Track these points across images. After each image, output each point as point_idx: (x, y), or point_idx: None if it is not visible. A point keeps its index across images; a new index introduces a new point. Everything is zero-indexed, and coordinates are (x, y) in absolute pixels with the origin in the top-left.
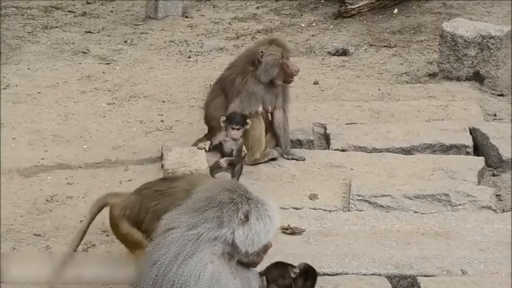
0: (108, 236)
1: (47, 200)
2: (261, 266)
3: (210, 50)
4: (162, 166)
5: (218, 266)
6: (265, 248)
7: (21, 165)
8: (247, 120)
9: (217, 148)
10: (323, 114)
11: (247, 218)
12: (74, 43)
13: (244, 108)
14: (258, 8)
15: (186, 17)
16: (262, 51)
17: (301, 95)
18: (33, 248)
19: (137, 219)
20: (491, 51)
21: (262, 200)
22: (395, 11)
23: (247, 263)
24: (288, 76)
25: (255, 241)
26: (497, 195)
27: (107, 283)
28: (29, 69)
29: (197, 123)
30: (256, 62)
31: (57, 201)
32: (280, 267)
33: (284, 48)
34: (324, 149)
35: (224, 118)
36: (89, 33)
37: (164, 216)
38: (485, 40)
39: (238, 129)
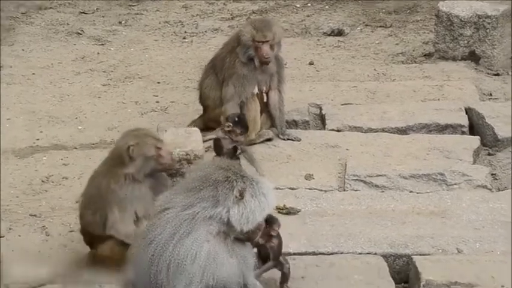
0: None
1: (42, 181)
2: None
3: (205, 31)
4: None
5: (214, 245)
6: (260, 227)
7: (16, 146)
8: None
9: (215, 144)
10: (318, 95)
11: (242, 195)
12: (68, 24)
13: (240, 93)
14: None
15: None
16: (241, 30)
17: (296, 75)
18: (29, 229)
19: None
20: (487, 30)
21: (257, 178)
22: None
23: (243, 239)
24: (260, 58)
25: (250, 219)
26: (492, 174)
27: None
28: (23, 50)
29: (192, 104)
30: (239, 41)
31: (52, 182)
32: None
33: (257, 31)
34: (319, 129)
35: (230, 124)
36: (83, 14)
37: (158, 197)
38: (481, 20)
39: (245, 133)
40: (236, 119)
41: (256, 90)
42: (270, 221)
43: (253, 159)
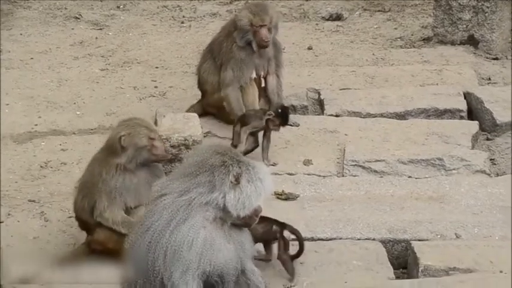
0: None
1: (41, 166)
2: None
3: (203, 15)
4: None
5: (211, 231)
6: (256, 212)
7: (14, 132)
8: None
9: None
10: (317, 80)
11: (238, 181)
12: (66, 8)
13: (239, 78)
14: None
15: None
16: (237, 15)
17: (295, 60)
18: (28, 214)
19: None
20: (486, 14)
21: (254, 163)
22: None
23: (240, 225)
24: (259, 42)
25: (246, 204)
26: (491, 159)
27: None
28: (21, 34)
29: (191, 89)
30: (235, 25)
31: (51, 168)
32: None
33: (255, 15)
34: (318, 114)
35: (272, 113)
36: None
37: (155, 183)
38: (480, 3)
39: (283, 126)
40: (279, 110)
41: (254, 75)
42: None
43: (268, 148)
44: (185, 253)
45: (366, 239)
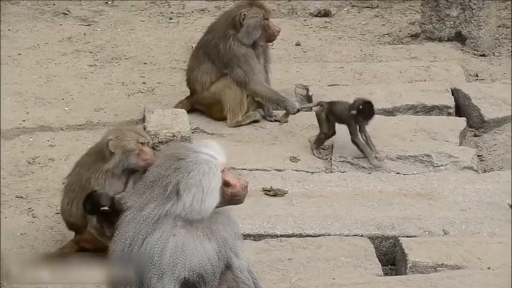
0: None
1: (28, 162)
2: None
3: (192, 11)
4: (144, 128)
5: (182, 237)
6: (242, 186)
7: (2, 128)
8: None
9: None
10: (305, 76)
11: (178, 191)
12: (54, 4)
13: (252, 70)
14: None
15: None
16: (244, 14)
17: (283, 56)
18: (16, 210)
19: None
20: (473, 11)
21: (193, 162)
22: None
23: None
24: (270, 36)
25: (201, 206)
26: (478, 156)
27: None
28: (9, 30)
29: (179, 85)
30: (238, 24)
31: (39, 163)
32: None
33: (265, 9)
34: (306, 111)
35: (355, 112)
36: None
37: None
38: (467, 0)
39: (369, 120)
40: (360, 106)
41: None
42: None
43: (370, 141)
44: (157, 263)
45: (354, 235)
